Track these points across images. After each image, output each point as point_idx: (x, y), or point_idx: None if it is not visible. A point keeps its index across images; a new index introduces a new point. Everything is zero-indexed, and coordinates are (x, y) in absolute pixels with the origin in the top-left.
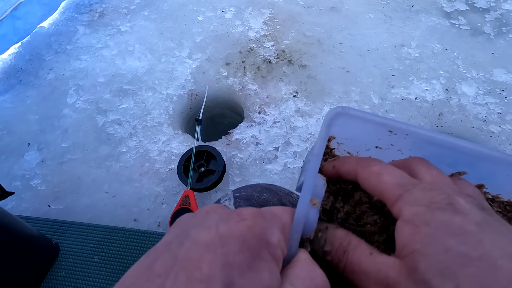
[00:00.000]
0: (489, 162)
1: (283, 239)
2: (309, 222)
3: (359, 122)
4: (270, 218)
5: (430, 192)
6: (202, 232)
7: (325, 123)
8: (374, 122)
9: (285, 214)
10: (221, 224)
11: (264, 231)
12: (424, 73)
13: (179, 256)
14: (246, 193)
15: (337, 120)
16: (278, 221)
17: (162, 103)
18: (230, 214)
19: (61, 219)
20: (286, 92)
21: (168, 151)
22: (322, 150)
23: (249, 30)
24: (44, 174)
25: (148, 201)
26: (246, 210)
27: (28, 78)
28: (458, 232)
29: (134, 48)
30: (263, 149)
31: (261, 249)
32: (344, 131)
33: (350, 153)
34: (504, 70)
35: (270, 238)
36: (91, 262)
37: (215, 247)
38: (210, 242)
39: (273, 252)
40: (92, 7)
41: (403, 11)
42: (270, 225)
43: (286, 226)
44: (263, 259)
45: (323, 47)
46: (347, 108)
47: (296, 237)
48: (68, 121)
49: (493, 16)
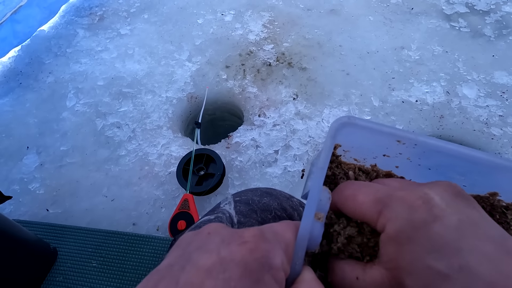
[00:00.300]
0: (501, 171)
1: (286, 259)
2: (314, 237)
3: (366, 132)
4: (272, 238)
5: (407, 200)
6: (203, 256)
7: (330, 134)
8: (381, 132)
9: (288, 231)
10: (222, 248)
11: (267, 254)
12: (425, 75)
13: (181, 281)
14: (246, 197)
15: (342, 130)
16: (281, 241)
17: (162, 106)
18: (232, 236)
19: (59, 223)
20: (286, 95)
21: (168, 154)
22: (326, 163)
23: (249, 33)
24: (43, 177)
25: (147, 205)
26: (248, 231)
27: (28, 81)
28: (438, 244)
29: (134, 51)
30: (263, 152)
31: (263, 273)
32: (350, 139)
33: (357, 160)
34: (505, 73)
35: (272, 261)
36: (89, 267)
37: (217, 272)
38: (211, 267)
39: (276, 275)
40: (92, 10)
41: (403, 13)
42: (273, 247)
43: (290, 245)
44: (266, 283)
45: (323, 49)
46: (353, 117)
47: (300, 254)
48: (67, 124)
49: (493, 18)
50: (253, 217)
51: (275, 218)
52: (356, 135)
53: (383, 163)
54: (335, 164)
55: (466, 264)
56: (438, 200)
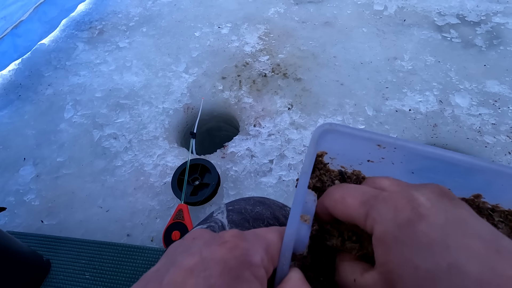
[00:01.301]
0: (482, 173)
1: (267, 258)
2: (301, 239)
3: (348, 138)
4: (252, 239)
5: (392, 201)
6: (186, 258)
7: (313, 140)
8: (361, 137)
9: (270, 233)
10: (204, 249)
11: (246, 252)
12: (418, 85)
13: (164, 281)
14: (239, 206)
15: (325, 137)
16: (261, 241)
17: (158, 117)
18: (214, 238)
19: (53, 235)
20: (281, 105)
21: (163, 164)
22: (310, 167)
23: (245, 45)
24: (39, 189)
25: (142, 215)
26: (228, 232)
27: (27, 93)
28: (424, 243)
29: (132, 64)
30: (257, 162)
31: (243, 270)
32: (335, 146)
33: (344, 167)
34: (496, 81)
35: (252, 259)
36: (82, 279)
37: (198, 271)
38: (193, 266)
39: (256, 272)
40: (92, 24)
41: (395, 25)
42: (252, 246)
43: (271, 245)
44: (245, 279)
45: (317, 60)
46: (334, 124)
47: (287, 255)
48: (65, 135)
49: (484, 29)
50: (246, 226)
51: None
52: (340, 142)
53: (368, 169)
54: (322, 172)
55: (454, 262)
56: (424, 200)
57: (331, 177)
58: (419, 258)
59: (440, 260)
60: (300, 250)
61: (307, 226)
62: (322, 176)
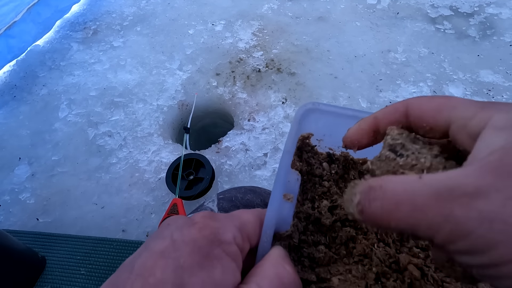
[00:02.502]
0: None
1: (242, 236)
2: (284, 218)
3: (332, 117)
4: (223, 218)
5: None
6: (158, 242)
7: (295, 120)
8: (345, 115)
9: (247, 213)
10: (175, 232)
11: (216, 231)
12: (411, 76)
13: (136, 265)
14: (230, 195)
15: (309, 117)
16: (234, 220)
17: (153, 114)
18: (185, 221)
19: (48, 232)
20: (275, 99)
21: (158, 160)
22: (293, 146)
23: (238, 41)
24: (34, 187)
25: (136, 211)
26: (198, 214)
27: (22, 94)
28: None
29: (126, 62)
30: (252, 155)
31: (213, 248)
32: (320, 127)
33: (332, 149)
34: (490, 71)
35: (222, 237)
36: (77, 275)
37: (168, 253)
38: (164, 249)
39: (227, 249)
40: (87, 24)
41: (389, 18)
42: (223, 224)
43: (247, 224)
44: (216, 256)
45: (311, 55)
46: (317, 103)
47: (268, 232)
48: (59, 134)
49: (477, 20)
50: None
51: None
52: (325, 122)
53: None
54: (310, 154)
55: None
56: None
57: (319, 159)
58: None
59: None
60: (283, 228)
61: (291, 205)
62: (310, 159)
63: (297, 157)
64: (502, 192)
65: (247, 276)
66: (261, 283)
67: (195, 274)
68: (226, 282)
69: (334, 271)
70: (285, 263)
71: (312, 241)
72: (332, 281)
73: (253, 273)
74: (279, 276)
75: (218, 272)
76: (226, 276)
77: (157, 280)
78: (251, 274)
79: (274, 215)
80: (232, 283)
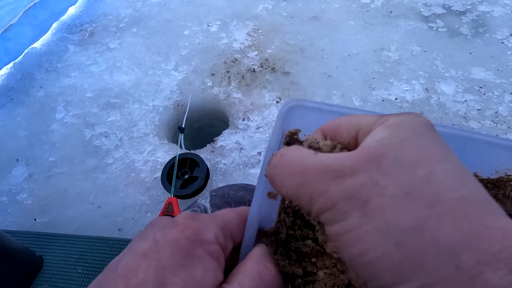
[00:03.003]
0: (456, 140)
1: (224, 235)
2: (268, 215)
3: (317, 114)
4: (205, 218)
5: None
6: (141, 243)
7: (279, 116)
8: (330, 111)
9: (230, 212)
10: (158, 233)
11: (197, 231)
12: (404, 74)
13: (119, 267)
14: (222, 192)
15: (293, 113)
16: (216, 219)
17: (148, 114)
18: (169, 222)
19: (45, 232)
20: (269, 98)
21: (154, 160)
22: (276, 143)
23: (233, 41)
24: (31, 188)
25: (132, 210)
26: (181, 215)
27: (19, 96)
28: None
29: (122, 63)
30: (246, 154)
31: (194, 248)
32: (307, 124)
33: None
34: (482, 68)
35: (204, 237)
36: (74, 273)
37: (151, 254)
38: (147, 250)
39: (209, 248)
40: (83, 26)
41: (382, 17)
42: (204, 225)
43: (230, 222)
44: (197, 256)
45: (305, 54)
46: (301, 100)
47: (251, 230)
48: (56, 135)
49: (469, 18)
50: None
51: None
52: (311, 118)
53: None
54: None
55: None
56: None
57: None
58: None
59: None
60: (268, 225)
61: (275, 202)
62: None
63: None
64: (367, 173)
65: (230, 275)
66: (242, 282)
67: (177, 274)
68: (207, 281)
69: (320, 265)
70: (267, 261)
71: (300, 235)
72: (318, 275)
73: (235, 272)
74: (260, 274)
75: (199, 271)
76: (207, 275)
77: (139, 280)
78: (234, 273)
79: (257, 213)
80: (214, 282)
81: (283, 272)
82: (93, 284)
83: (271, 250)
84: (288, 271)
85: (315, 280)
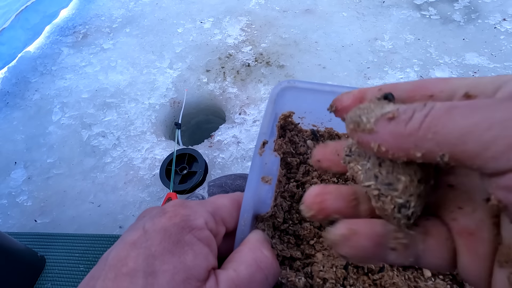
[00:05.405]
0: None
1: (215, 221)
2: (263, 200)
3: (310, 94)
4: (194, 205)
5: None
6: (131, 233)
7: (270, 99)
8: (323, 91)
9: (222, 198)
10: (147, 223)
11: (186, 218)
12: (398, 63)
13: (109, 257)
14: (220, 181)
15: (285, 95)
16: (207, 206)
17: (145, 112)
18: (158, 212)
19: (46, 232)
20: (265, 92)
21: (152, 157)
22: (268, 127)
23: (227, 37)
24: (30, 190)
25: (133, 207)
26: (169, 203)
27: (15, 100)
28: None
29: (117, 63)
30: (243, 147)
31: (183, 234)
32: (300, 105)
33: (315, 126)
34: (475, 54)
35: (193, 223)
36: (76, 272)
37: (140, 243)
38: (136, 240)
39: (199, 234)
40: (76, 29)
41: (375, 7)
42: (193, 211)
43: (221, 208)
44: (187, 243)
45: (299, 47)
46: (293, 81)
47: (246, 216)
48: (54, 137)
49: (461, 4)
50: None
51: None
52: (304, 99)
53: (338, 124)
54: (294, 132)
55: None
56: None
57: (304, 137)
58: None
59: None
60: (263, 210)
61: (270, 187)
62: (294, 137)
63: (281, 137)
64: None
65: (226, 262)
66: (238, 269)
67: (166, 261)
68: (198, 267)
69: (318, 247)
70: (263, 247)
71: (297, 219)
72: (316, 257)
73: (231, 258)
74: (257, 261)
75: (189, 257)
76: (198, 260)
77: (129, 269)
78: (229, 259)
79: (252, 198)
80: (205, 267)
81: (281, 256)
82: (87, 276)
83: (269, 235)
84: (286, 255)
85: (313, 262)
